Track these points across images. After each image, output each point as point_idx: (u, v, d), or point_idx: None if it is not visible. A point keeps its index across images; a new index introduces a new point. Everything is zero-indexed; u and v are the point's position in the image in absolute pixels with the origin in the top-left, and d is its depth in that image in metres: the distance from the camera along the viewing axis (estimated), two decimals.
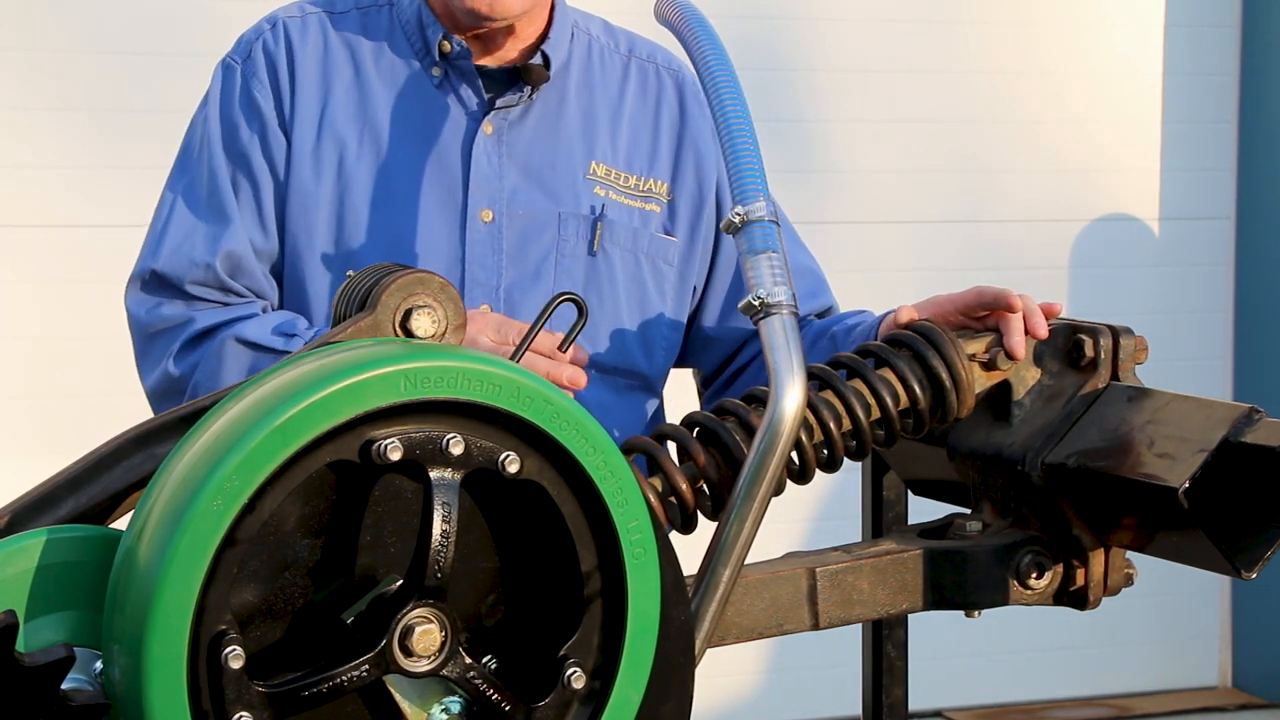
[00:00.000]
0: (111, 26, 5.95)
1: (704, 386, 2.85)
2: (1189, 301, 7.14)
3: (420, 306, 2.09)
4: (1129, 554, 2.50)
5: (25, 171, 5.91)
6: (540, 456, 1.93)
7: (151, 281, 2.54)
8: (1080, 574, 2.48)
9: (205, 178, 2.58)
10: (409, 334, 2.08)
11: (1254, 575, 2.36)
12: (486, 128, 2.64)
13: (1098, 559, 2.48)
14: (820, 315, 2.84)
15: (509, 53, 2.66)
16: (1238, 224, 7.17)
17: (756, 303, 2.23)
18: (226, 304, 2.55)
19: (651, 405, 2.76)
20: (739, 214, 2.30)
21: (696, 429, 2.33)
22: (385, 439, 1.86)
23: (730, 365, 2.82)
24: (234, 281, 2.53)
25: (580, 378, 2.37)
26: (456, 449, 1.88)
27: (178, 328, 2.49)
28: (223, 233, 2.54)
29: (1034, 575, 2.46)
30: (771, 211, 2.30)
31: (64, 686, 1.84)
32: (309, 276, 2.62)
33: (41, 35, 5.89)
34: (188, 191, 2.58)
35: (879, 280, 5.35)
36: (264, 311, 2.58)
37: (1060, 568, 2.48)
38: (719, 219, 2.73)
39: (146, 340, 2.55)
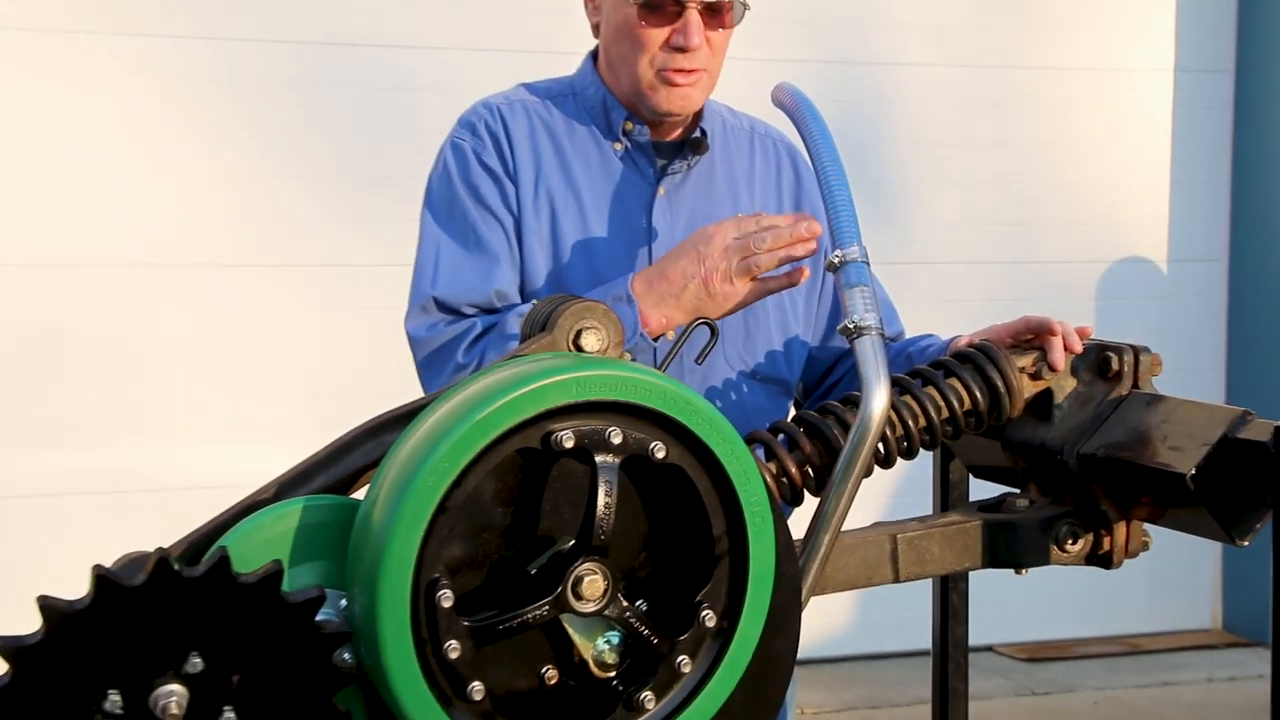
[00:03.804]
0: (373, 117, 6.01)
1: (805, 395, 2.83)
2: (1191, 326, 7.10)
3: (589, 328, 2.08)
4: (1145, 525, 2.47)
5: (313, 225, 5.98)
6: (681, 445, 1.93)
7: (431, 306, 2.53)
8: (1106, 541, 2.45)
9: (464, 226, 2.56)
10: (580, 349, 2.08)
11: (1246, 543, 2.35)
12: (660, 190, 2.63)
13: (1120, 529, 2.45)
14: (892, 339, 2.82)
15: (672, 131, 2.66)
16: (1229, 265, 7.14)
17: (851, 326, 2.24)
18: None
19: (788, 405, 2.75)
20: (838, 256, 2.30)
21: (803, 425, 2.32)
22: (561, 431, 1.86)
23: (829, 378, 2.80)
24: (500, 304, 2.52)
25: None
26: (616, 439, 1.88)
27: (462, 334, 2.48)
28: (492, 269, 2.53)
29: (1070, 542, 2.44)
30: (864, 254, 2.30)
31: (317, 618, 1.85)
32: (528, 300, 2.61)
33: (329, 118, 5.97)
34: (450, 237, 2.56)
35: (946, 309, 5.32)
36: None
37: (1090, 536, 2.45)
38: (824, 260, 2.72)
39: (431, 355, 2.53)
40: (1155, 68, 7.06)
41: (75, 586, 1.84)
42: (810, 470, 2.29)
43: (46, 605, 1.75)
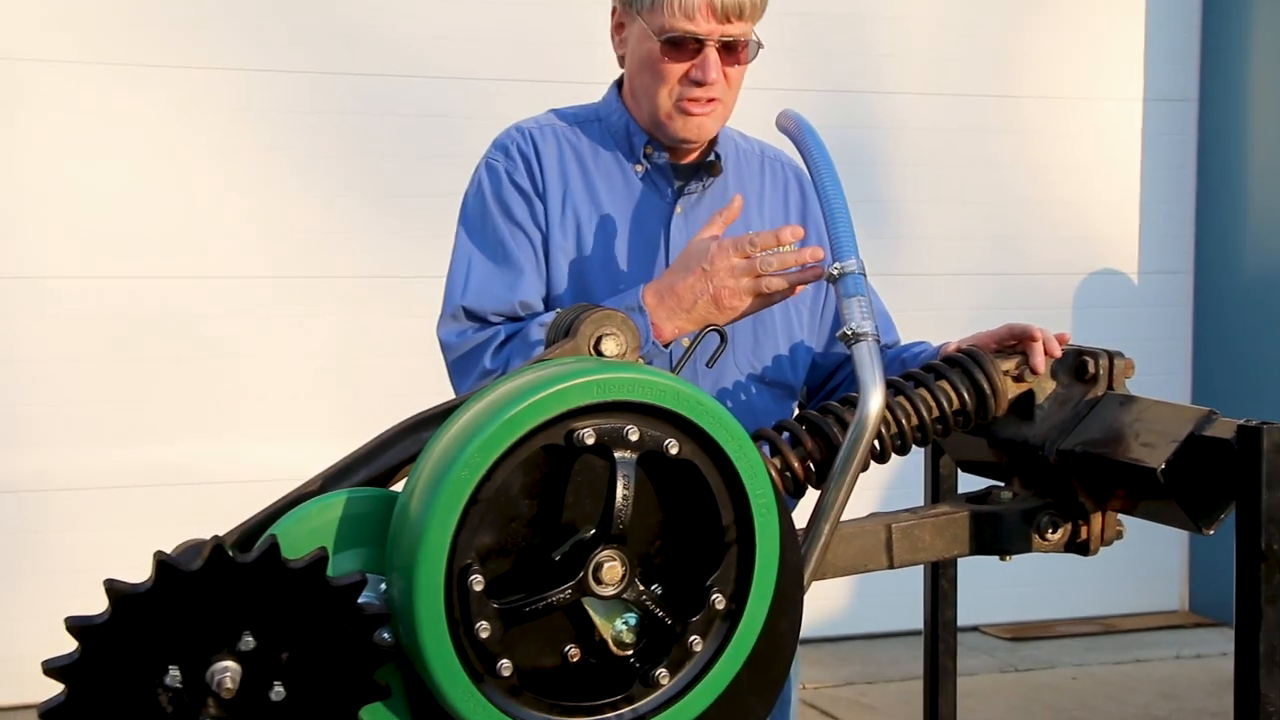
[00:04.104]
0: (411, 142, 6.02)
1: (809, 397, 2.82)
2: (1160, 332, 7.09)
3: (608, 334, 2.08)
4: (1119, 516, 2.46)
5: (356, 240, 5.99)
6: (693, 442, 1.92)
7: (460, 315, 2.52)
8: (1084, 530, 2.44)
9: (494, 240, 2.55)
10: (600, 354, 2.07)
11: (1211, 531, 2.34)
12: (678, 209, 2.62)
13: (1096, 519, 2.43)
14: (888, 346, 2.80)
15: (689, 155, 2.65)
16: (1194, 276, 7.14)
17: (849, 333, 2.23)
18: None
19: (792, 407, 2.73)
20: (837, 268, 2.29)
21: (806, 423, 2.31)
22: (583, 429, 1.86)
23: (831, 381, 2.79)
24: (524, 314, 2.51)
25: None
26: (633, 436, 1.88)
27: (488, 340, 2.47)
28: (517, 281, 2.52)
29: (1050, 531, 2.43)
30: (861, 266, 2.28)
31: (359, 601, 1.85)
32: (553, 309, 2.59)
33: (370, 143, 5.97)
34: (481, 251, 2.55)
35: (937, 317, 5.30)
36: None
37: (1069, 525, 2.43)
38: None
39: (460, 359, 2.51)
40: (1126, 97, 7.06)
41: (138, 570, 1.84)
42: (812, 465, 2.28)
43: (112, 587, 1.75)
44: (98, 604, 1.77)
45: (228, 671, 1.78)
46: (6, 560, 5.65)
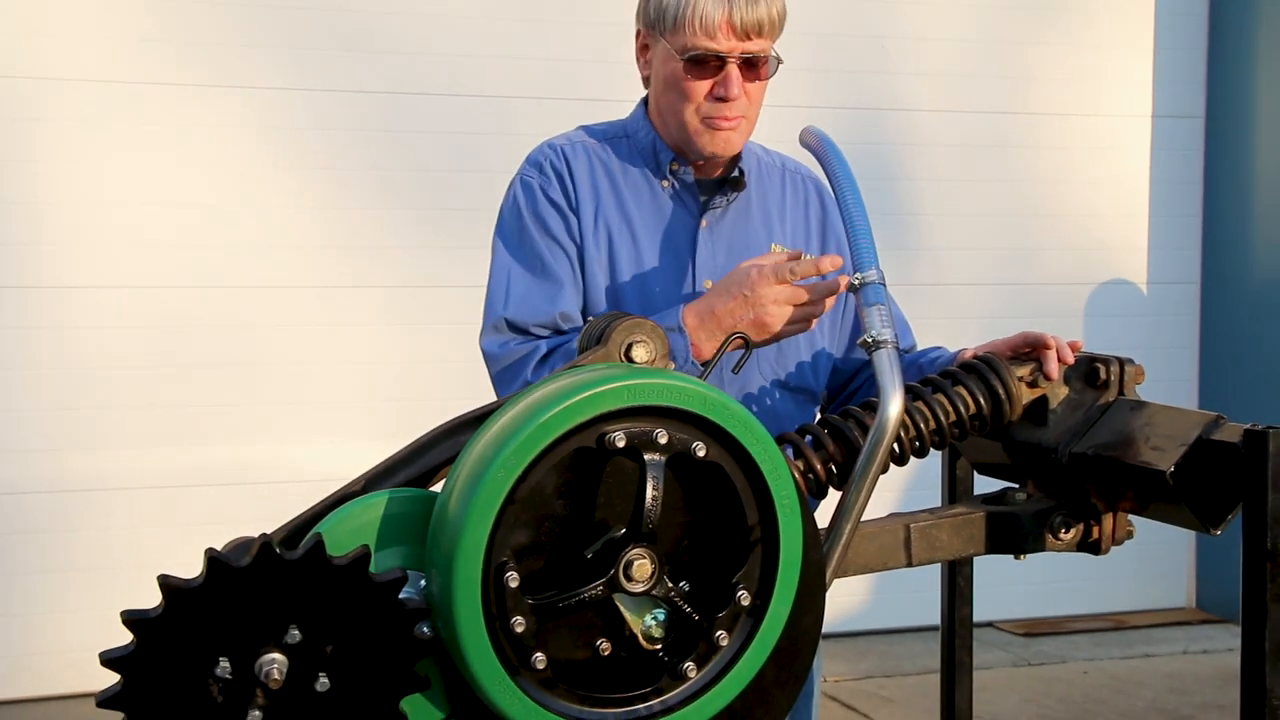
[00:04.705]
0: (450, 158, 6.03)
1: (830, 400, 2.81)
2: (1168, 339, 7.05)
3: (638, 341, 2.08)
4: (1130, 516, 2.44)
5: (401, 252, 6.00)
6: (720, 445, 1.92)
7: (503, 326, 2.51)
8: (1095, 530, 2.43)
9: (532, 254, 2.54)
10: (630, 360, 2.07)
11: (1219, 532, 2.33)
12: (703, 222, 2.62)
13: (1108, 520, 2.42)
14: (906, 351, 2.79)
15: (714, 170, 2.64)
16: (1202, 287, 7.11)
17: (870, 340, 2.22)
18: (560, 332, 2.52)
19: (814, 411, 2.72)
20: (858, 278, 2.28)
21: (828, 427, 2.30)
22: (614, 432, 1.85)
23: (850, 385, 2.78)
24: (564, 325, 2.51)
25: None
26: (663, 439, 1.87)
27: (531, 354, 2.47)
28: (557, 293, 2.51)
29: (1063, 531, 2.42)
30: (881, 276, 2.28)
31: (400, 596, 1.85)
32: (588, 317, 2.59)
33: (414, 159, 5.99)
34: (519, 264, 2.54)
35: (953, 325, 5.29)
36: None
37: (1081, 526, 2.43)
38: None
39: (503, 370, 2.50)
40: (1136, 114, 7.03)
41: (190, 567, 1.85)
42: (834, 467, 2.28)
43: (165, 583, 1.76)
44: (151, 598, 1.78)
45: (275, 663, 1.78)
46: (64, 556, 5.68)
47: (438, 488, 1.98)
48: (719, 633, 1.94)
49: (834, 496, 2.26)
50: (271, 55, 5.83)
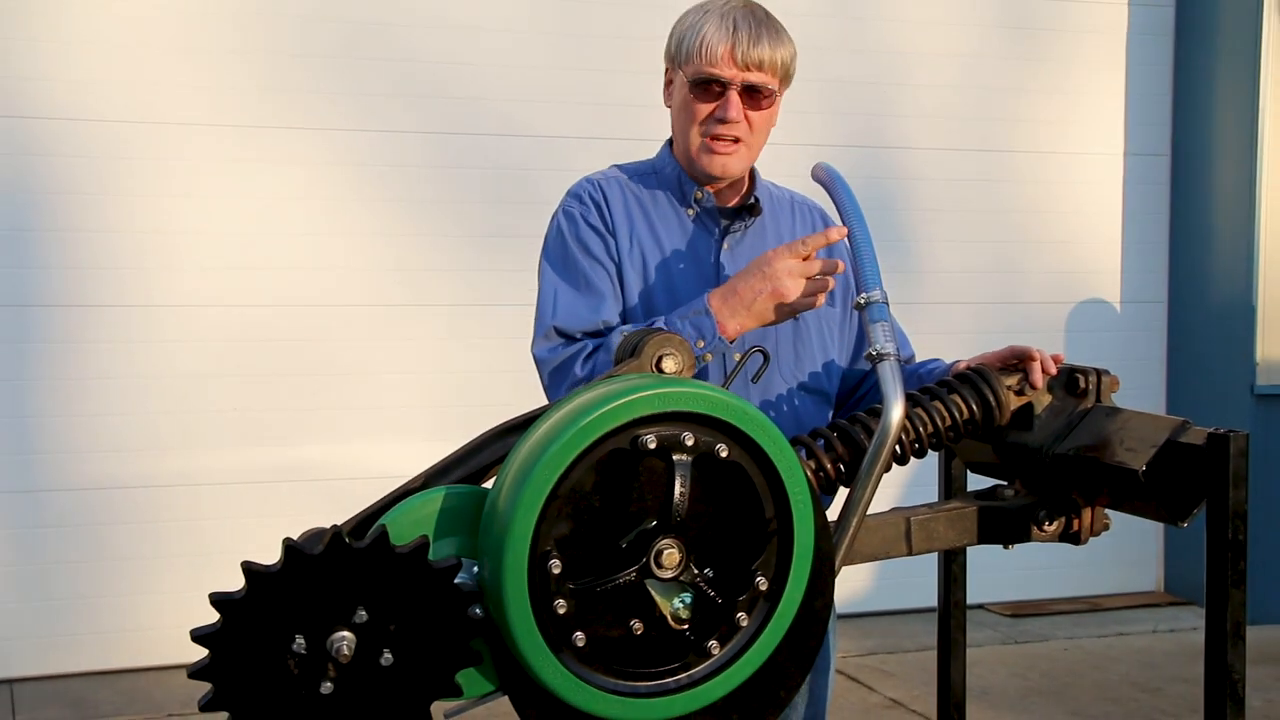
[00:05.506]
0: (500, 191, 6.04)
1: (837, 406, 2.80)
2: (1139, 352, 7.02)
3: (668, 354, 2.07)
4: (1106, 510, 2.43)
5: (455, 274, 6.01)
6: (740, 447, 1.91)
7: (552, 333, 2.51)
8: (1075, 523, 2.41)
9: (576, 272, 2.54)
10: (660, 371, 2.06)
11: (1186, 524, 2.31)
12: (725, 245, 2.61)
13: (1087, 514, 2.41)
14: (906, 362, 2.77)
15: (732, 199, 2.63)
16: (1169, 306, 7.08)
17: (874, 353, 2.22)
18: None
19: (829, 412, 2.71)
20: (864, 297, 2.28)
21: (837, 431, 2.29)
22: (646, 435, 1.85)
23: (856, 393, 2.76)
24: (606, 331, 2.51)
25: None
26: (689, 441, 1.87)
27: (578, 352, 2.46)
28: (600, 304, 2.50)
29: (1047, 523, 2.40)
30: (884, 296, 2.27)
31: (455, 581, 1.84)
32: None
33: (469, 192, 6.00)
34: (565, 281, 2.54)
35: (949, 339, 5.26)
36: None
37: (1063, 519, 2.41)
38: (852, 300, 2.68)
39: (554, 371, 2.48)
40: (1109, 152, 7.01)
41: (269, 554, 1.85)
42: (842, 467, 2.26)
43: (248, 568, 1.76)
44: (235, 582, 1.78)
45: (345, 640, 1.78)
46: (157, 544, 5.70)
47: (489, 484, 1.98)
48: (739, 614, 1.93)
49: (843, 493, 2.25)
50: (352, 101, 5.85)
